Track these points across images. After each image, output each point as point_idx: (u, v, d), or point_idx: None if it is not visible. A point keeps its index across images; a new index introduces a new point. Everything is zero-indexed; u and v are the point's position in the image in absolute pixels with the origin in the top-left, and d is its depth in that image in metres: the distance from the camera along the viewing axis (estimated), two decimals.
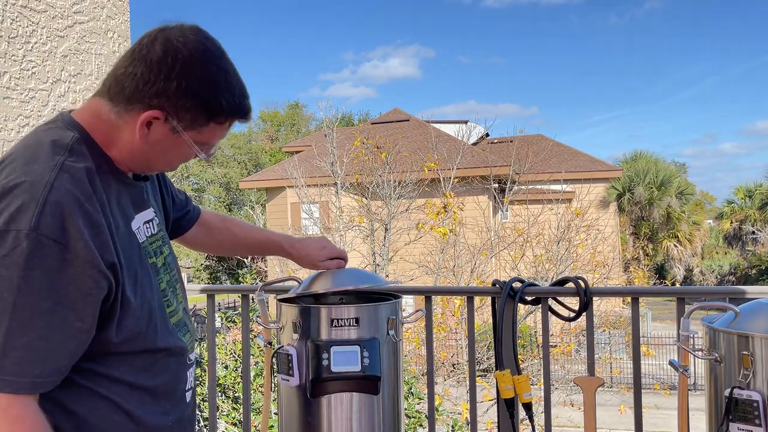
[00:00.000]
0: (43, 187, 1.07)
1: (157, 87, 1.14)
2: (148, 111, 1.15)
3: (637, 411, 2.19)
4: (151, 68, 1.14)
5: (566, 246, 11.26)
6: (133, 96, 1.15)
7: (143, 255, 1.26)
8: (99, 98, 1.20)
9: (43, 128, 1.22)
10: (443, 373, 9.17)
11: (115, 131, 1.19)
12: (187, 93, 1.15)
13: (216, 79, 1.17)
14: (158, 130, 1.17)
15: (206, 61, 1.17)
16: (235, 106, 1.20)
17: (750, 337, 1.52)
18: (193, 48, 1.16)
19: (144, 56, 1.15)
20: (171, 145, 1.21)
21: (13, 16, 2.08)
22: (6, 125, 2.06)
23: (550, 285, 2.32)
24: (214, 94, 1.17)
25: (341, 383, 1.67)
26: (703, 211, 30.80)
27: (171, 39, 1.16)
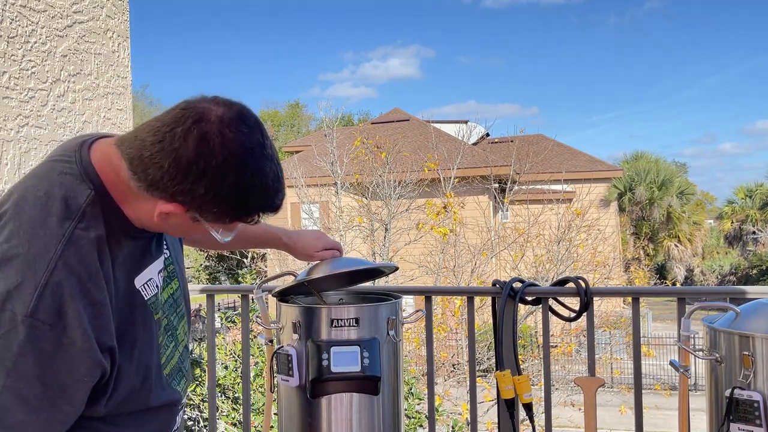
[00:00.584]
0: (46, 265, 1.03)
1: (184, 187, 1.05)
2: (170, 204, 1.08)
3: (637, 411, 2.19)
4: (179, 167, 1.04)
5: (566, 246, 11.25)
6: (156, 185, 1.06)
7: (147, 313, 1.21)
8: (121, 156, 1.10)
9: (57, 170, 1.13)
10: (443, 373, 9.17)
11: (132, 196, 1.11)
12: (215, 199, 1.07)
13: (249, 186, 1.08)
14: (177, 218, 1.12)
15: (242, 166, 1.06)
16: (265, 206, 1.13)
17: (750, 337, 1.52)
18: (230, 151, 1.05)
19: (175, 150, 1.04)
20: (190, 228, 1.15)
21: (12, 15, 2.07)
22: (5, 125, 2.05)
23: (551, 285, 2.32)
24: (244, 200, 1.09)
25: (341, 383, 1.67)
26: (703, 211, 30.81)
27: (207, 136, 1.04)
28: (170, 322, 1.31)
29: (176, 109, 1.08)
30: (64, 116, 2.27)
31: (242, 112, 1.09)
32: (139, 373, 1.18)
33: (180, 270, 1.38)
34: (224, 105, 1.08)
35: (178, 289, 1.35)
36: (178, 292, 1.35)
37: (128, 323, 1.15)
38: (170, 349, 1.31)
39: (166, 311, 1.30)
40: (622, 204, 25.56)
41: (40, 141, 2.18)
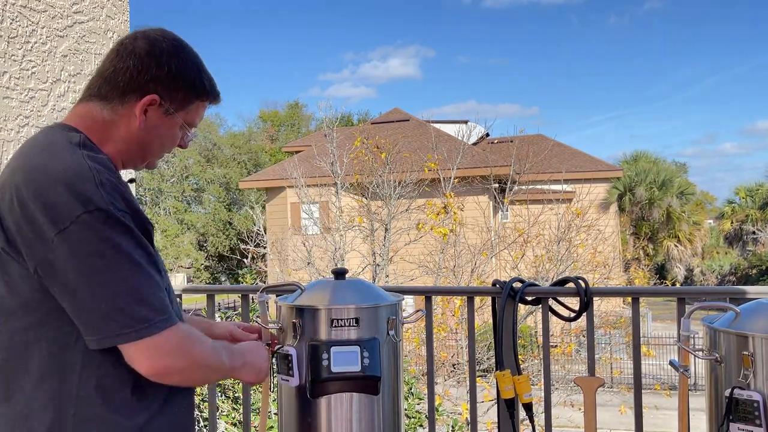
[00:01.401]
0: (89, 171, 1.18)
1: (151, 74, 1.29)
2: (146, 96, 1.29)
3: (637, 411, 2.19)
4: (141, 59, 1.29)
5: (566, 246, 11.25)
6: (129, 87, 1.28)
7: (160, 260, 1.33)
8: (86, 102, 1.31)
9: (44, 131, 1.31)
10: (443, 373, 9.17)
11: (110, 127, 1.31)
12: (177, 76, 1.32)
13: (197, 64, 1.37)
14: (154, 114, 1.31)
15: (185, 50, 1.36)
16: (214, 86, 1.40)
17: (750, 337, 1.52)
18: (172, 39, 1.35)
19: (131, 52, 1.29)
20: (165, 128, 1.35)
21: (12, 15, 2.08)
22: (6, 125, 2.05)
23: (551, 285, 2.32)
24: (198, 75, 1.36)
25: (341, 383, 1.67)
26: (703, 211, 30.81)
27: (150, 35, 1.32)
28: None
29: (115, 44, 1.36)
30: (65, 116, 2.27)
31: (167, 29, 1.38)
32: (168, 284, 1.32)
33: None
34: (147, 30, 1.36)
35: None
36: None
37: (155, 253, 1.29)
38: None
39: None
40: (622, 204, 25.56)
41: None
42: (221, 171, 32.48)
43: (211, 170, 32.54)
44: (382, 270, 11.29)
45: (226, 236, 29.00)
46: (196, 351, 1.25)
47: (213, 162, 33.49)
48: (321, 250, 12.03)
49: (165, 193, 31.59)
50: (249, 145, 36.02)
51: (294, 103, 41.46)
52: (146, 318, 1.17)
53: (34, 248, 1.16)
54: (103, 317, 1.15)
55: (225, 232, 29.32)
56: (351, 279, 1.84)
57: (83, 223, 1.14)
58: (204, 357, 1.28)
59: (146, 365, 1.18)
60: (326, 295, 1.75)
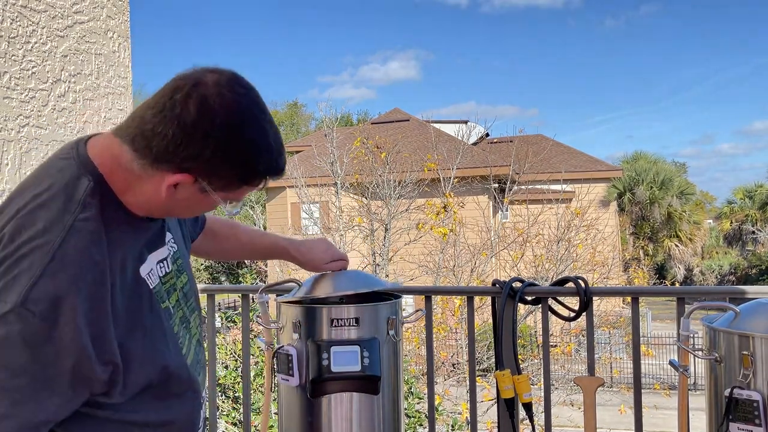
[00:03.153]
0: (44, 256, 1.01)
1: (190, 152, 1.05)
2: (178, 174, 1.07)
3: (637, 411, 2.19)
4: (184, 131, 1.04)
5: (566, 246, 11.25)
6: (162, 157, 1.06)
7: (154, 302, 1.20)
8: (120, 142, 1.10)
9: (56, 167, 1.13)
10: (443, 373, 9.17)
11: (136, 181, 1.11)
12: (222, 160, 1.07)
13: (254, 144, 1.08)
14: (186, 190, 1.10)
15: (244, 124, 1.07)
16: (271, 168, 1.12)
17: (750, 337, 1.52)
18: (230, 110, 1.06)
19: (177, 116, 1.04)
20: (197, 201, 1.15)
21: (12, 16, 2.08)
22: (6, 125, 2.06)
23: (550, 285, 2.32)
24: (250, 160, 1.09)
25: (341, 383, 1.67)
26: (703, 211, 30.81)
27: (207, 99, 1.05)
28: (184, 314, 1.31)
29: (170, 82, 1.09)
30: (65, 116, 2.27)
31: (236, 75, 1.11)
32: (155, 362, 1.17)
33: (187, 265, 1.38)
34: (217, 71, 1.10)
35: (188, 283, 1.36)
36: (187, 286, 1.35)
37: (137, 311, 1.14)
38: (187, 340, 1.30)
39: (181, 304, 1.30)
40: (621, 204, 25.56)
41: (40, 141, 2.18)
42: None
43: None
44: (382, 270, 11.29)
45: None
46: None
47: None
48: None
49: None
50: None
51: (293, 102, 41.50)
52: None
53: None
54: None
55: None
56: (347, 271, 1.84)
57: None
58: None
59: None
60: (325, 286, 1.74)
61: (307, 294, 1.74)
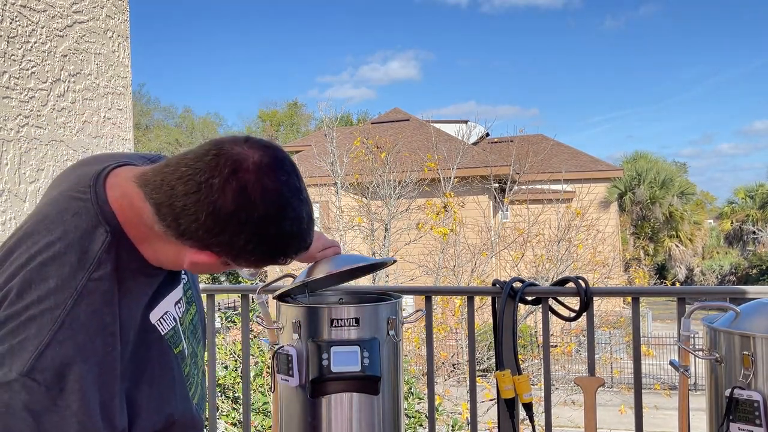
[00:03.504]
0: (53, 322, 0.97)
1: (221, 239, 1.01)
2: (203, 254, 1.04)
3: (637, 411, 2.19)
4: (217, 220, 0.98)
5: (566, 246, 11.25)
6: (190, 236, 1.01)
7: (165, 348, 1.16)
8: (143, 197, 1.03)
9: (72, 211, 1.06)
10: (443, 373, 9.17)
11: (156, 239, 1.06)
12: (254, 249, 1.03)
13: (288, 234, 1.04)
14: (207, 260, 1.06)
15: (282, 217, 1.02)
16: (300, 250, 1.09)
17: (751, 337, 1.52)
18: (270, 202, 1.00)
19: (212, 203, 0.97)
20: (218, 268, 1.11)
21: (12, 15, 2.07)
22: (5, 125, 2.05)
23: (551, 285, 2.32)
24: (282, 247, 1.06)
25: (341, 383, 1.66)
26: (703, 211, 30.82)
27: (247, 188, 0.98)
28: (193, 349, 1.27)
29: (208, 155, 1.00)
30: (64, 116, 2.27)
31: (278, 156, 1.04)
32: (160, 411, 1.14)
33: (197, 294, 1.34)
34: (259, 149, 1.02)
35: (196, 314, 1.32)
36: (196, 318, 1.31)
37: (145, 361, 1.11)
38: (196, 377, 1.28)
39: (189, 339, 1.26)
40: (622, 204, 25.56)
41: (40, 141, 2.18)
42: None
43: None
44: (382, 270, 11.29)
45: None
46: None
47: None
48: None
49: None
50: None
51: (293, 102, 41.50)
52: None
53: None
54: None
55: None
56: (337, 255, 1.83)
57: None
58: None
59: None
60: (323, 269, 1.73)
61: (302, 280, 1.72)
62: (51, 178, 2.17)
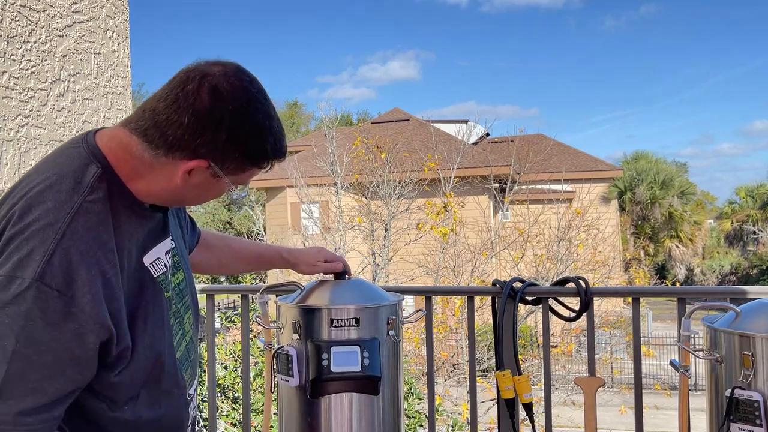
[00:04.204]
0: (55, 233, 1.05)
1: (205, 138, 1.11)
2: (194, 161, 1.13)
3: (637, 411, 2.19)
4: (199, 119, 1.10)
5: (567, 246, 11.25)
6: (177, 145, 1.12)
7: (157, 290, 1.23)
8: (131, 134, 1.15)
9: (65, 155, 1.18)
10: (443, 373, 9.17)
11: (147, 170, 1.16)
12: (235, 144, 1.14)
13: (262, 128, 1.16)
14: (199, 175, 1.16)
15: (253, 110, 1.15)
16: (277, 149, 1.20)
17: (751, 337, 1.52)
18: (240, 97, 1.14)
19: (191, 105, 1.11)
20: (209, 187, 1.21)
21: (12, 15, 2.07)
22: (5, 125, 2.05)
23: (551, 285, 2.32)
24: (260, 142, 1.16)
25: (341, 383, 1.66)
26: (703, 211, 30.80)
27: (218, 87, 1.12)
28: (177, 309, 1.32)
29: (178, 75, 1.15)
30: (64, 116, 2.27)
31: (239, 66, 1.19)
32: (153, 349, 1.20)
33: (185, 263, 1.40)
34: (221, 63, 1.17)
35: (184, 281, 1.37)
36: (183, 283, 1.36)
37: (138, 298, 1.18)
38: (179, 335, 1.32)
39: (175, 300, 1.31)
40: (622, 204, 25.56)
41: (40, 141, 2.18)
42: None
43: None
44: (382, 270, 11.29)
45: None
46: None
47: None
48: None
49: None
50: None
51: (293, 102, 41.47)
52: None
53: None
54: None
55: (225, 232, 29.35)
56: (351, 279, 1.84)
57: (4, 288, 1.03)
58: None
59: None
60: (326, 295, 1.75)
61: (302, 303, 1.73)
62: None
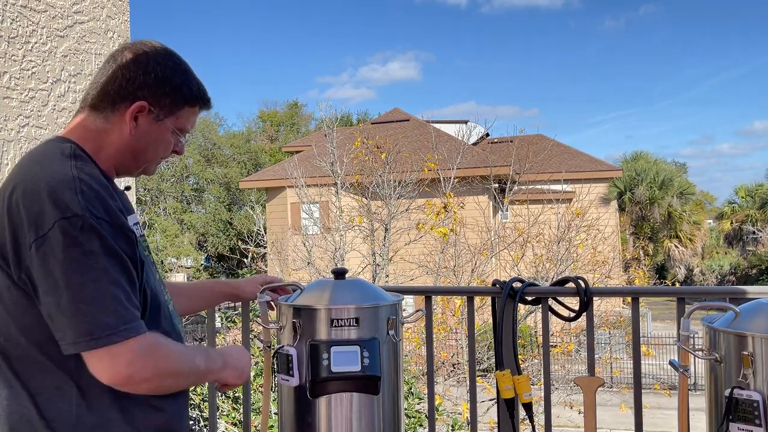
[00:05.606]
0: (73, 180, 1.21)
1: (138, 81, 1.33)
2: (135, 103, 1.32)
3: (637, 411, 2.19)
4: (128, 68, 1.33)
5: (566, 246, 11.24)
6: (118, 95, 1.33)
7: (144, 246, 1.37)
8: (81, 113, 1.36)
9: (40, 147, 1.35)
10: (443, 373, 9.17)
11: (103, 135, 1.34)
12: (163, 81, 1.35)
13: (184, 69, 1.40)
14: (144, 121, 1.35)
15: (171, 57, 1.39)
16: (203, 91, 1.42)
17: (750, 337, 1.52)
18: (158, 47, 1.39)
19: (119, 63, 1.34)
20: (156, 134, 1.38)
21: (13, 16, 2.08)
22: (6, 125, 2.06)
23: (551, 285, 2.32)
24: (185, 80, 1.39)
25: (341, 383, 1.67)
26: (703, 211, 30.80)
27: (137, 45, 1.38)
28: (160, 278, 1.46)
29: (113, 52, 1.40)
30: (65, 116, 2.27)
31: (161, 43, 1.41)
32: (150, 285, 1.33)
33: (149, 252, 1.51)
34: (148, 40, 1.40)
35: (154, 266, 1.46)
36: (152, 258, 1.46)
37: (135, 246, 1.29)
38: (167, 295, 1.46)
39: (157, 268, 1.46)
40: (622, 204, 25.56)
41: (40, 141, 2.18)
42: (221, 171, 32.38)
43: (210, 170, 32.46)
44: (382, 270, 11.29)
45: (226, 236, 28.98)
46: (160, 360, 1.24)
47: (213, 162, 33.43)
48: (321, 250, 12.04)
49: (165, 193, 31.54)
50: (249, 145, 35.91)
51: (293, 102, 41.41)
52: (108, 325, 1.16)
53: (18, 257, 1.19)
54: (68, 324, 1.16)
55: (225, 232, 29.31)
56: (351, 279, 1.84)
57: (59, 228, 1.16)
58: (171, 365, 1.27)
59: (107, 375, 1.18)
60: (326, 295, 1.75)
61: (304, 301, 1.73)
62: None
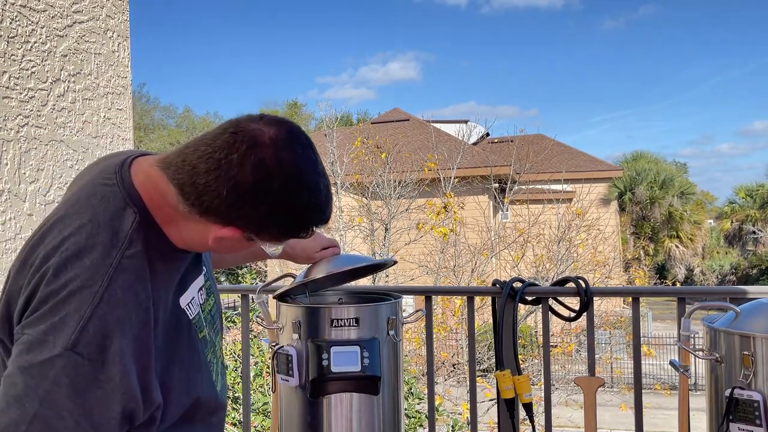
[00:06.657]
0: (93, 296, 1.01)
1: (243, 212, 1.05)
2: (226, 229, 1.08)
3: (637, 411, 2.19)
4: (238, 194, 1.02)
5: (567, 246, 11.25)
6: (213, 212, 1.05)
7: (193, 332, 1.20)
8: (167, 180, 1.07)
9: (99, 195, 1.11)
10: (443, 373, 9.17)
11: (181, 219, 1.10)
12: (275, 221, 1.07)
13: (307, 205, 1.08)
14: (230, 237, 1.10)
15: (299, 187, 1.06)
16: (319, 222, 1.13)
17: (751, 337, 1.52)
18: (288, 173, 1.04)
19: (232, 177, 1.02)
20: (239, 247, 1.16)
21: (12, 15, 2.07)
22: (5, 125, 2.05)
23: (551, 285, 2.32)
24: (302, 220, 1.10)
25: (341, 383, 1.67)
26: (703, 211, 30.77)
27: (265, 162, 1.02)
28: (211, 339, 1.30)
29: (225, 133, 1.05)
30: (64, 116, 2.27)
31: (293, 130, 1.08)
32: (189, 394, 1.18)
33: (214, 286, 1.37)
34: (275, 125, 1.06)
35: (214, 306, 1.34)
36: (214, 309, 1.34)
37: (176, 344, 1.15)
38: (216, 366, 1.30)
39: (208, 328, 1.29)
40: (622, 204, 25.56)
41: (40, 141, 2.18)
42: None
43: None
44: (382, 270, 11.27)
45: None
46: None
47: None
48: None
49: None
50: None
51: (293, 102, 41.45)
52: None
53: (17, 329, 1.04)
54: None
55: None
56: None
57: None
58: None
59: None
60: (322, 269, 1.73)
61: (302, 281, 1.73)
62: (51, 178, 2.17)
